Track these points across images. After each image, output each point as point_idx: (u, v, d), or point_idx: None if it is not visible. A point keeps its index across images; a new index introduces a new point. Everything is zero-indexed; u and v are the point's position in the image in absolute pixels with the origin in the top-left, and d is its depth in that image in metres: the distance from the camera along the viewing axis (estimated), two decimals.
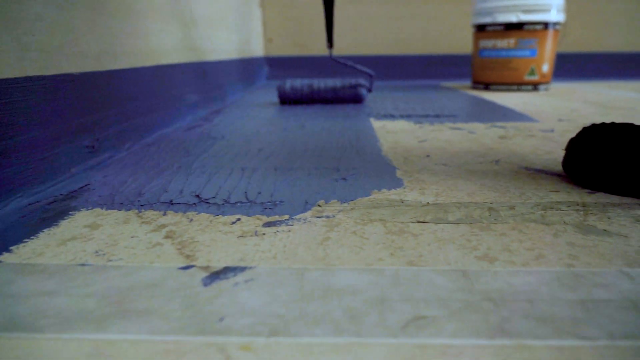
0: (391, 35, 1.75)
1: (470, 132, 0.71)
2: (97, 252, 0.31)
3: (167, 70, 0.78)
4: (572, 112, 0.91)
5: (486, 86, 1.36)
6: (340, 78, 1.23)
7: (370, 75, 1.11)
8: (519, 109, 0.96)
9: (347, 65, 1.08)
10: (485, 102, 1.08)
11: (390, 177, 0.48)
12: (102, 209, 0.40)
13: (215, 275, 0.28)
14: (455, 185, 0.45)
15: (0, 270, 0.29)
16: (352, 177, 0.48)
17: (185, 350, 0.21)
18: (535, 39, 1.24)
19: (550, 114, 0.89)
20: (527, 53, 1.25)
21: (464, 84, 1.60)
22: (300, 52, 1.78)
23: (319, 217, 0.37)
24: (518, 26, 1.24)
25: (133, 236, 0.34)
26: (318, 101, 1.08)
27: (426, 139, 0.67)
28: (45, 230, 0.35)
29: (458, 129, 0.74)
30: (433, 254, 0.30)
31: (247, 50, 1.46)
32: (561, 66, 1.74)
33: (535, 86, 1.30)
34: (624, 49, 1.74)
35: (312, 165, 0.53)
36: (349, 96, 1.07)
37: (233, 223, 0.36)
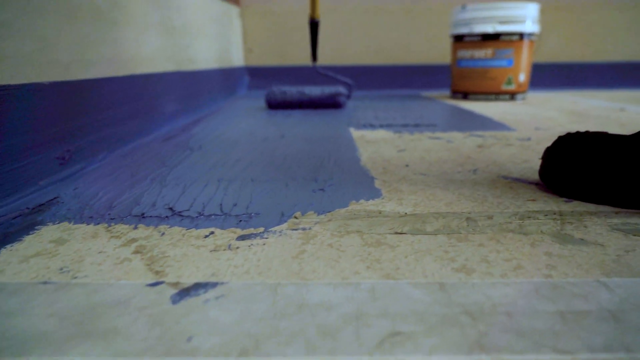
0: (371, 45, 1.76)
1: (448, 142, 0.71)
2: (62, 269, 0.30)
3: (144, 80, 0.76)
4: (549, 121, 0.92)
5: (465, 96, 1.37)
6: (322, 86, 1.26)
7: (349, 84, 1.30)
8: (497, 118, 0.97)
9: (329, 75, 1.24)
10: (464, 112, 1.09)
11: (369, 188, 0.47)
12: (70, 223, 0.38)
13: (185, 292, 0.27)
14: (433, 195, 0.44)
15: None
16: (330, 188, 0.47)
17: None
18: (512, 49, 1.26)
19: (527, 123, 0.90)
20: (504, 63, 1.27)
21: (444, 93, 1.61)
22: (281, 62, 1.78)
23: (295, 230, 0.36)
24: (494, 37, 1.26)
25: (101, 252, 0.32)
26: (304, 106, 1.18)
27: (405, 148, 0.67)
28: (7, 246, 0.33)
29: (437, 138, 0.74)
30: (410, 266, 0.30)
31: (227, 60, 1.45)
32: (537, 76, 1.77)
33: (512, 95, 1.31)
34: (598, 59, 1.78)
35: (290, 176, 0.52)
36: (330, 102, 1.18)
37: (206, 237, 0.35)
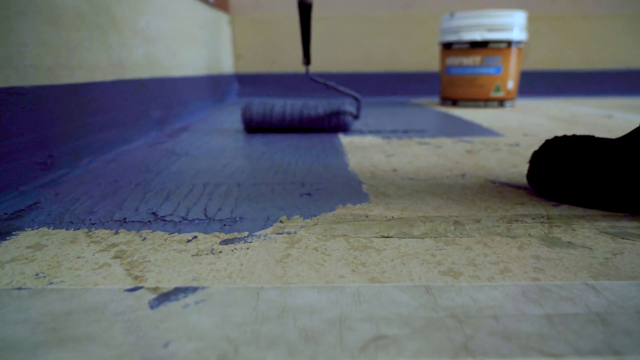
0: (361, 53, 1.77)
1: (437, 147, 0.71)
2: (38, 275, 0.29)
3: (130, 85, 0.76)
4: (537, 127, 0.92)
5: (454, 102, 1.38)
6: (318, 99, 1.05)
7: (357, 99, 0.88)
8: (486, 125, 0.97)
9: (328, 86, 0.84)
10: (453, 118, 1.09)
11: (356, 192, 0.47)
12: (49, 229, 0.37)
13: (164, 297, 0.26)
14: (421, 199, 0.44)
15: None
16: (317, 193, 0.47)
17: None
18: (500, 56, 1.27)
19: (515, 129, 0.90)
20: (492, 70, 1.28)
21: (433, 100, 1.62)
22: (271, 69, 1.78)
23: (280, 234, 0.35)
24: (483, 44, 1.26)
25: (79, 257, 0.32)
26: (295, 127, 0.86)
27: (394, 153, 0.66)
28: None
29: (426, 143, 0.74)
30: (396, 269, 0.29)
31: (216, 67, 1.44)
32: (526, 83, 1.78)
33: (501, 102, 1.32)
34: (585, 67, 1.80)
35: (277, 181, 0.51)
36: (332, 124, 0.85)
37: (189, 241, 0.34)
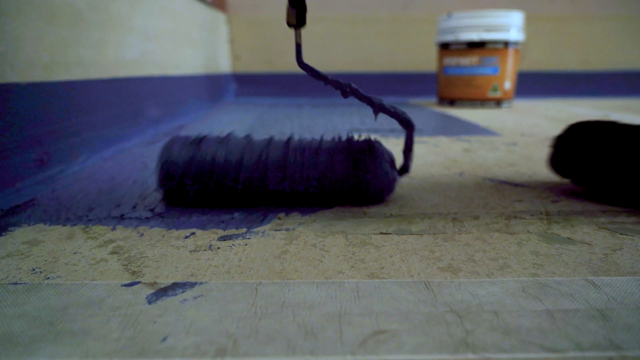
0: (358, 54, 1.77)
1: (435, 146, 0.71)
2: (34, 270, 0.29)
3: (127, 83, 0.75)
4: (534, 127, 0.92)
5: (451, 103, 1.38)
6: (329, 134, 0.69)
7: (406, 122, 0.42)
8: (483, 124, 0.97)
9: (345, 90, 0.40)
10: (450, 118, 1.09)
11: None
12: (46, 225, 0.37)
13: (162, 292, 0.26)
14: (419, 196, 0.44)
15: None
16: None
17: None
18: (497, 57, 1.27)
19: (512, 129, 0.90)
20: (490, 71, 1.28)
21: (431, 100, 1.62)
22: (268, 69, 1.77)
23: (278, 230, 0.35)
24: (480, 44, 1.27)
25: (76, 252, 0.31)
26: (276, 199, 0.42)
27: (392, 152, 0.66)
28: None
29: (423, 142, 0.74)
30: (395, 265, 0.29)
31: (214, 67, 1.44)
32: (523, 84, 1.79)
33: (498, 103, 1.32)
34: (582, 68, 1.80)
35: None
36: (354, 189, 0.40)
37: (187, 237, 0.34)
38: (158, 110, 0.90)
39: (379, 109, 0.41)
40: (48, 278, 0.27)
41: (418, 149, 0.69)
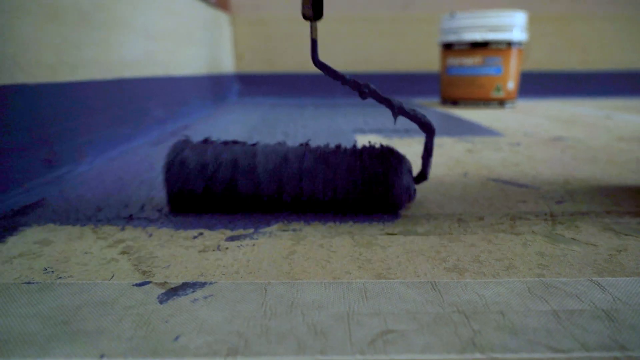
0: (360, 54, 1.77)
1: (439, 146, 0.71)
2: (46, 270, 0.29)
3: (132, 84, 0.76)
4: (537, 127, 0.92)
5: (454, 103, 1.38)
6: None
7: (426, 125, 0.41)
8: (486, 125, 0.97)
9: (362, 91, 0.42)
10: (453, 118, 1.10)
11: None
12: (56, 225, 0.37)
13: (173, 292, 0.26)
14: (424, 197, 0.44)
15: None
16: None
17: None
18: (500, 57, 1.27)
19: (516, 129, 0.90)
20: (493, 71, 1.28)
21: (433, 100, 1.62)
22: (271, 69, 1.78)
23: (285, 231, 0.36)
24: (483, 45, 1.27)
25: (86, 252, 0.32)
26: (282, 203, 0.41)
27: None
28: None
29: None
30: (402, 266, 0.29)
31: (217, 67, 1.45)
32: (526, 84, 1.79)
33: (501, 103, 1.32)
34: (585, 68, 1.80)
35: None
36: (367, 200, 0.39)
37: (195, 237, 0.34)
38: (162, 111, 0.91)
39: (398, 111, 0.39)
40: (60, 277, 0.28)
41: (421, 149, 0.69)
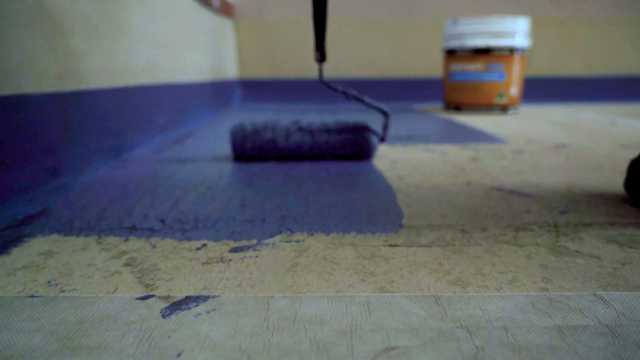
0: (363, 59, 1.78)
1: (442, 154, 0.71)
2: (50, 282, 0.29)
3: (136, 91, 0.76)
4: (540, 134, 0.92)
5: (457, 108, 1.38)
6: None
7: (385, 113, 0.67)
8: (489, 131, 0.97)
9: (347, 95, 0.67)
10: (456, 124, 1.10)
11: None
12: (60, 235, 0.37)
13: (176, 306, 0.26)
14: (428, 206, 0.44)
15: None
16: None
17: None
18: (503, 63, 1.27)
19: (519, 136, 0.90)
20: (496, 77, 1.28)
21: (436, 106, 1.62)
22: (275, 75, 1.78)
23: (289, 242, 0.36)
24: (485, 51, 1.27)
25: (90, 264, 0.32)
26: (302, 155, 0.67)
27: (399, 160, 0.67)
28: None
29: (430, 150, 0.74)
30: (405, 279, 0.29)
31: (221, 73, 1.45)
32: (529, 89, 1.79)
33: (504, 108, 1.32)
34: (588, 73, 1.80)
35: (283, 188, 0.51)
36: (349, 150, 0.66)
37: (198, 249, 0.34)
38: (166, 118, 0.91)
39: (359, 100, 0.67)
40: (64, 291, 0.28)
41: (425, 157, 0.69)
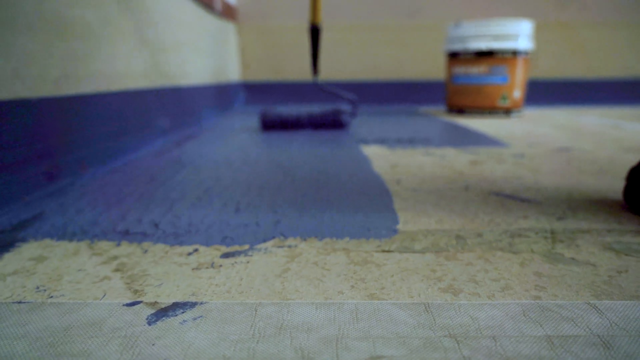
0: (367, 62, 1.77)
1: (442, 158, 0.71)
2: (38, 288, 0.29)
3: (136, 95, 0.76)
4: (543, 137, 0.92)
5: (460, 111, 1.38)
6: (322, 104, 1.21)
7: (353, 101, 1.18)
8: (491, 134, 0.96)
9: (330, 91, 1.12)
10: (458, 128, 1.09)
11: None
12: (53, 240, 0.37)
13: (163, 313, 0.26)
14: (424, 211, 0.44)
15: None
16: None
17: None
18: (506, 66, 1.26)
19: (521, 139, 0.89)
20: (499, 80, 1.28)
21: (439, 109, 1.61)
22: (277, 78, 1.78)
23: (281, 247, 0.35)
24: (489, 54, 1.26)
25: (80, 269, 0.32)
26: (302, 126, 1.07)
27: (398, 164, 0.66)
28: None
29: (430, 154, 0.74)
30: (396, 285, 0.29)
31: (223, 76, 1.45)
32: (533, 92, 1.78)
33: (507, 111, 1.32)
34: (592, 76, 1.79)
35: (281, 191, 0.51)
36: (332, 121, 1.08)
37: (190, 254, 0.34)
38: (167, 121, 0.91)
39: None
40: (52, 297, 0.28)
41: (425, 160, 0.68)
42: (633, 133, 0.98)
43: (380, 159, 0.70)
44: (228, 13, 1.54)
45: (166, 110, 0.91)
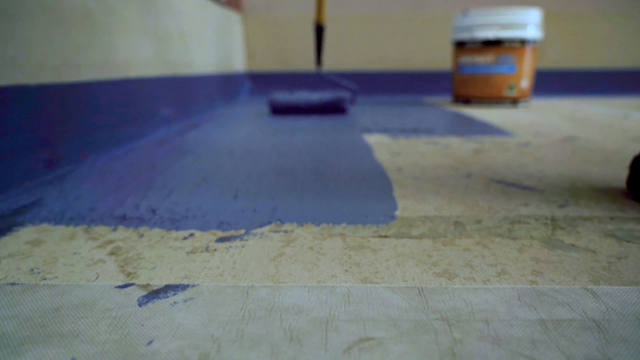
0: (373, 52, 1.76)
1: (445, 146, 0.70)
2: (32, 271, 0.29)
3: (138, 84, 0.76)
4: (549, 127, 0.90)
5: (466, 101, 1.36)
6: (325, 91, 1.21)
7: (353, 90, 1.30)
8: (497, 124, 0.95)
9: (332, 81, 1.24)
10: (464, 117, 1.08)
11: None
12: (50, 224, 0.37)
13: (154, 294, 0.26)
14: (423, 198, 0.43)
15: None
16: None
17: None
18: (513, 55, 1.25)
19: (527, 129, 0.88)
20: (506, 69, 1.26)
21: (446, 99, 1.60)
22: (282, 68, 1.78)
23: (277, 232, 0.35)
24: (496, 43, 1.25)
25: (75, 253, 0.32)
26: (307, 111, 1.15)
27: (400, 152, 0.66)
28: None
29: (433, 143, 0.73)
30: (390, 270, 0.28)
31: (228, 66, 1.45)
32: (541, 82, 1.75)
33: (514, 101, 1.30)
34: (601, 65, 1.76)
35: (280, 179, 0.51)
36: (334, 107, 1.15)
37: (185, 238, 0.34)
38: (170, 109, 0.91)
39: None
40: (45, 279, 0.28)
41: (428, 149, 0.68)
42: None
43: (383, 147, 0.70)
44: (233, 3, 1.53)
45: (169, 99, 0.91)
